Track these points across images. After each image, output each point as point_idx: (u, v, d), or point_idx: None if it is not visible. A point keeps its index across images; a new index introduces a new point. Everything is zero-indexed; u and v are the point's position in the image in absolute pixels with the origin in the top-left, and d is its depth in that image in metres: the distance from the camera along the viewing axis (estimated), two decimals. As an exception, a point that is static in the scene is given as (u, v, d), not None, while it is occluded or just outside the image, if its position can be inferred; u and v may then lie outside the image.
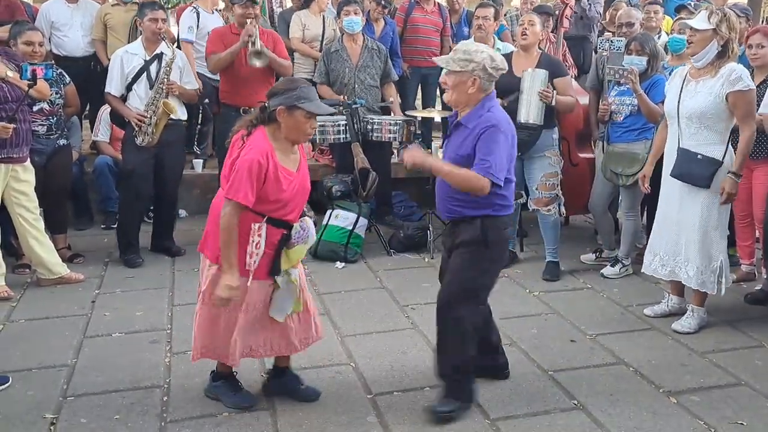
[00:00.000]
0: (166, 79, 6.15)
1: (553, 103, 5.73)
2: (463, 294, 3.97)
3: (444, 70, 4.45)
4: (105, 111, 7.19)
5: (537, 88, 5.68)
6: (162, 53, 6.23)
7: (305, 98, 3.61)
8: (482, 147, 3.81)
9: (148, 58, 6.21)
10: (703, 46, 4.73)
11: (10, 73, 5.36)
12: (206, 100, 7.81)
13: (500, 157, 3.82)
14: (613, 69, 5.68)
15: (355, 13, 6.91)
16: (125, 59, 6.22)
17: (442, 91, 8.52)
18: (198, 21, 7.82)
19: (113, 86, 6.25)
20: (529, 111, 5.72)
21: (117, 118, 6.49)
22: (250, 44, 6.36)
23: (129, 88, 6.21)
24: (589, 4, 8.61)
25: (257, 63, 6.39)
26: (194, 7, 7.91)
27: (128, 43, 7.01)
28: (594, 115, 6.53)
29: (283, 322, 3.91)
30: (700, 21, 4.74)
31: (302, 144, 3.89)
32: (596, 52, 7.01)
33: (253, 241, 3.65)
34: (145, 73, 6.19)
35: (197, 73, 7.64)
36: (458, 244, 4.01)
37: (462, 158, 3.89)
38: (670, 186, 5.04)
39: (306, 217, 3.87)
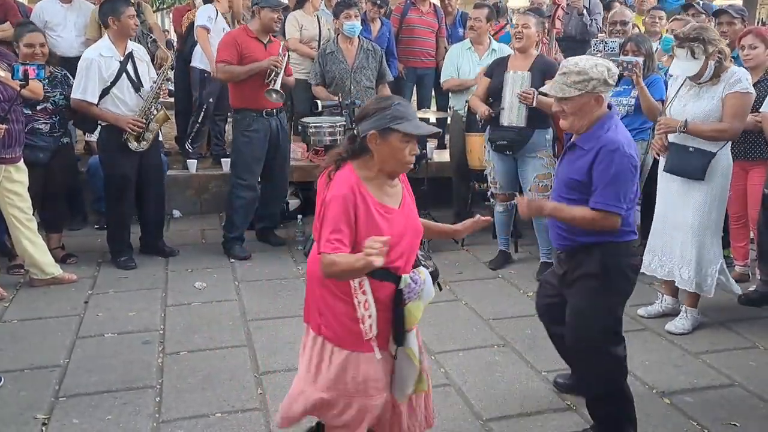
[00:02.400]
0: (163, 84, 6.08)
1: (534, 104, 5.71)
2: (603, 337, 3.66)
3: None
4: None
5: (516, 91, 5.71)
6: (132, 51, 6.07)
7: (401, 117, 2.92)
8: (603, 175, 3.42)
9: (121, 58, 6.01)
10: (704, 72, 4.77)
11: (1, 73, 5.33)
12: (210, 99, 7.80)
13: (624, 184, 3.43)
14: (617, 61, 5.66)
15: (356, 17, 6.89)
16: (102, 64, 5.92)
17: (438, 92, 8.66)
18: (216, 15, 7.83)
19: (89, 93, 5.90)
20: (510, 113, 5.82)
21: (83, 123, 6.43)
22: (273, 74, 6.22)
23: (105, 92, 5.96)
24: (592, 20, 8.58)
25: (273, 99, 6.22)
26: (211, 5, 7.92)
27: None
28: None
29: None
30: (689, 63, 4.74)
31: (404, 176, 3.18)
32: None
33: (359, 302, 2.93)
34: (124, 75, 5.99)
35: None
36: (577, 278, 3.64)
37: (574, 182, 3.53)
38: (667, 186, 5.04)
39: (420, 267, 3.12)
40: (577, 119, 3.52)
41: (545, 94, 3.79)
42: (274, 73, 6.21)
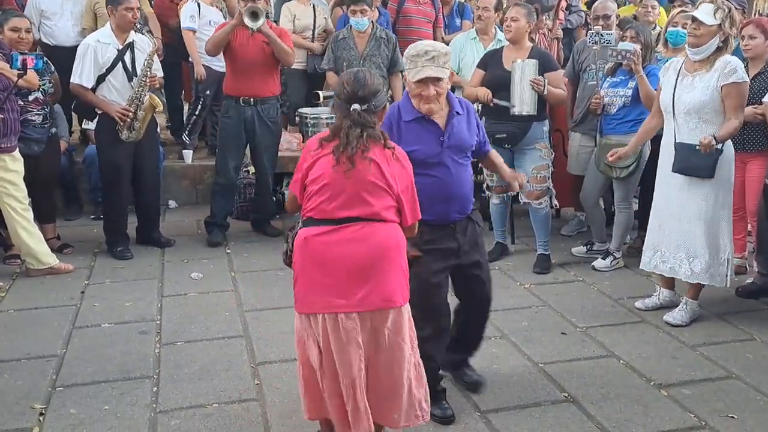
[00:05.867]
0: (148, 72, 6.05)
1: (545, 93, 5.69)
2: None
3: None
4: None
5: (528, 78, 5.65)
6: (133, 41, 6.06)
7: None
8: (480, 125, 4.03)
9: (120, 47, 6.01)
10: (707, 40, 4.73)
11: (-2, 62, 5.32)
12: (207, 92, 7.78)
13: None
14: (615, 50, 5.65)
15: (362, 13, 6.85)
16: (98, 49, 5.95)
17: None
18: (199, 11, 7.75)
19: (84, 77, 5.96)
20: (523, 101, 5.68)
21: (83, 110, 6.40)
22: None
23: (101, 78, 5.99)
24: (574, 12, 8.61)
25: (251, 23, 6.06)
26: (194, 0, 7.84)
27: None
28: (570, 106, 6.53)
29: None
30: (706, 15, 4.71)
31: None
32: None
33: None
34: (120, 63, 5.99)
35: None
36: (476, 240, 3.92)
37: (475, 144, 3.94)
38: (669, 181, 5.01)
39: None
40: (443, 96, 3.74)
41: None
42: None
